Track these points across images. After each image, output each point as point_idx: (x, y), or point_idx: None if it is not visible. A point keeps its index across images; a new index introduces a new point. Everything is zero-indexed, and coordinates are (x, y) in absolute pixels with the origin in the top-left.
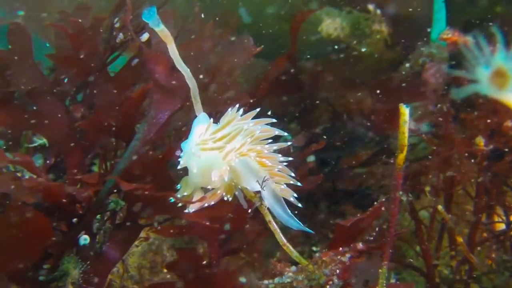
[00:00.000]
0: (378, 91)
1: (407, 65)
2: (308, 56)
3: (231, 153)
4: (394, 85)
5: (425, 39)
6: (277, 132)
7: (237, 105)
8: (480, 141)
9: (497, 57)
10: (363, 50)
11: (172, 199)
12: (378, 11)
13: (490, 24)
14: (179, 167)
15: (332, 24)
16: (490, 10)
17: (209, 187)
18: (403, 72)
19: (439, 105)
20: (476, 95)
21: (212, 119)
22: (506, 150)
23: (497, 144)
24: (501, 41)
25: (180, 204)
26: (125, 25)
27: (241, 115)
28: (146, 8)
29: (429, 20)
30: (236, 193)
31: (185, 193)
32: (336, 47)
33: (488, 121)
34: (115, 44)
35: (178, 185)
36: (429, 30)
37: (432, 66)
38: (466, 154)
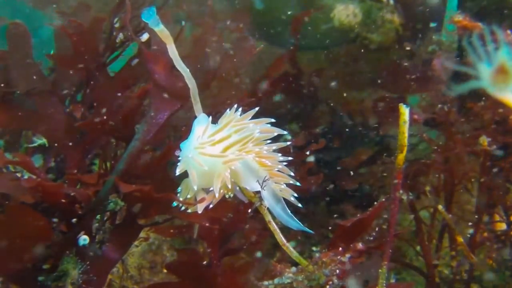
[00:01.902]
0: (384, 79)
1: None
2: (316, 48)
3: (232, 161)
4: (401, 74)
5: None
6: (276, 132)
7: (235, 106)
8: (484, 140)
9: (501, 54)
10: (374, 39)
11: (175, 203)
12: (391, 1)
13: (504, 12)
14: (177, 173)
15: (344, 11)
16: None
17: (210, 188)
18: (412, 61)
19: (444, 96)
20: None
21: (210, 120)
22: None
23: (503, 139)
24: (504, 37)
25: (183, 208)
26: (125, 25)
27: (240, 115)
28: (146, 8)
29: (442, 12)
30: (238, 188)
31: (188, 196)
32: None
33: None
34: (115, 44)
35: (179, 188)
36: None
37: (441, 54)
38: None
